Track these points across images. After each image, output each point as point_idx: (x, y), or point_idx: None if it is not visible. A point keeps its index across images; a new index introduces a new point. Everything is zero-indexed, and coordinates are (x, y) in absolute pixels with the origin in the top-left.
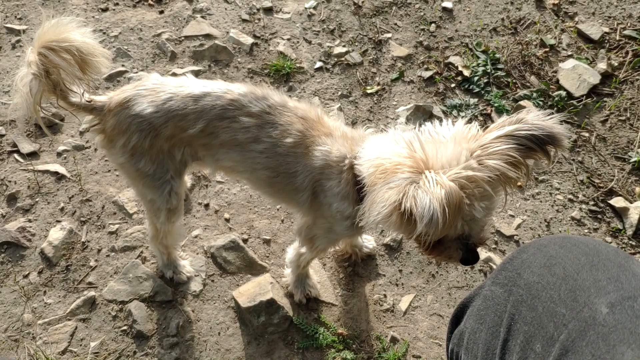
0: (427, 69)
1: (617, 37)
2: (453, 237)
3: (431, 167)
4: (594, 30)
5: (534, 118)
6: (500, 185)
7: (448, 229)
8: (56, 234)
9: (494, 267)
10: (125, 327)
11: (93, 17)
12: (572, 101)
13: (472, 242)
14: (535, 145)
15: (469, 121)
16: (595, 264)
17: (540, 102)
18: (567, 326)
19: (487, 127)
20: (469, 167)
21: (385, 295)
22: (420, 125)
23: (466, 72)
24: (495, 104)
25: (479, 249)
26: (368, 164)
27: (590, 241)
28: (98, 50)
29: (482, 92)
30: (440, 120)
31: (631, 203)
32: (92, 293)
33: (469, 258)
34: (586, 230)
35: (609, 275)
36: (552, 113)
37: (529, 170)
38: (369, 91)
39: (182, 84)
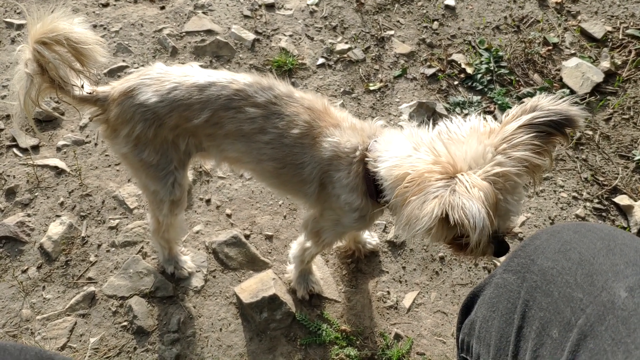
0: (430, 67)
1: (620, 36)
2: None
3: (460, 170)
4: (597, 29)
5: (548, 104)
6: (528, 174)
7: (491, 229)
8: (56, 229)
9: (498, 264)
10: (125, 323)
11: (94, 12)
12: (575, 99)
13: (500, 233)
14: (554, 129)
15: (482, 116)
16: (611, 248)
17: None
18: (584, 311)
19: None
20: (498, 163)
21: (388, 292)
22: (425, 122)
23: (469, 70)
24: (499, 102)
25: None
26: (388, 169)
27: (605, 227)
28: (90, 38)
29: (485, 89)
30: (449, 117)
31: (635, 201)
32: (92, 288)
33: (502, 250)
34: None
35: (626, 259)
36: (562, 96)
37: (552, 155)
38: (371, 88)
39: (187, 74)
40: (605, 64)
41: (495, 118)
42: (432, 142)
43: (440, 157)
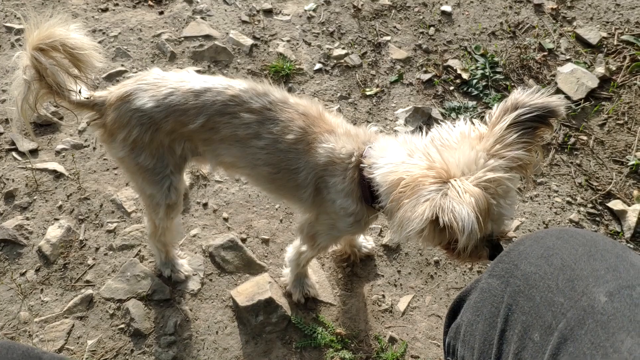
0: (426, 72)
1: (615, 42)
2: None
3: (453, 175)
4: (592, 35)
5: (528, 99)
6: (520, 172)
7: (481, 233)
8: (54, 232)
9: None
10: (122, 326)
11: (93, 17)
12: (570, 104)
13: (495, 237)
14: (538, 123)
15: (470, 120)
16: (592, 254)
17: None
18: (565, 315)
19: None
20: (491, 169)
21: (383, 296)
22: (420, 128)
23: (465, 75)
24: (494, 107)
25: (501, 242)
26: (383, 175)
27: (587, 233)
28: (86, 43)
29: (481, 95)
30: (439, 122)
31: (629, 206)
32: (89, 291)
33: (497, 253)
34: None
35: (606, 265)
36: (539, 89)
37: (541, 148)
38: (368, 93)
39: (183, 79)
40: (600, 69)
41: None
42: (426, 149)
43: (434, 163)
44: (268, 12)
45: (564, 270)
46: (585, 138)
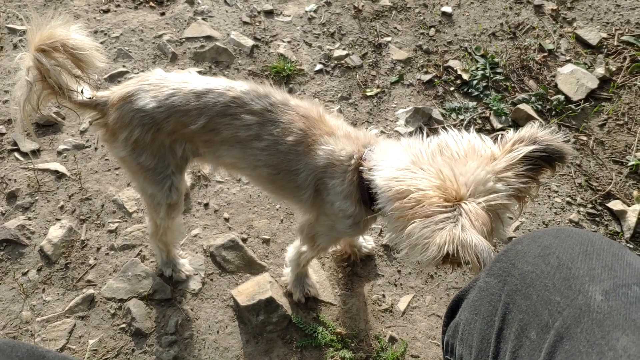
0: (426, 73)
1: (615, 43)
2: None
3: (462, 196)
4: (592, 35)
5: (547, 138)
6: (518, 202)
7: None
8: (56, 232)
9: None
10: (123, 325)
11: (94, 18)
12: (570, 105)
13: None
14: (545, 163)
15: (473, 128)
16: (589, 253)
17: (539, 106)
18: (561, 313)
19: (488, 131)
20: (501, 195)
21: (384, 295)
22: (421, 128)
23: (465, 76)
24: (494, 108)
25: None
26: (384, 179)
27: (584, 232)
28: (87, 44)
29: (481, 95)
30: (445, 125)
31: (629, 206)
32: (91, 291)
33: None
34: None
35: (603, 264)
36: (557, 131)
37: (538, 186)
38: (368, 94)
39: (185, 80)
40: (600, 70)
41: (490, 123)
42: (434, 160)
43: (444, 181)
44: (269, 13)
45: (561, 269)
46: (585, 138)
